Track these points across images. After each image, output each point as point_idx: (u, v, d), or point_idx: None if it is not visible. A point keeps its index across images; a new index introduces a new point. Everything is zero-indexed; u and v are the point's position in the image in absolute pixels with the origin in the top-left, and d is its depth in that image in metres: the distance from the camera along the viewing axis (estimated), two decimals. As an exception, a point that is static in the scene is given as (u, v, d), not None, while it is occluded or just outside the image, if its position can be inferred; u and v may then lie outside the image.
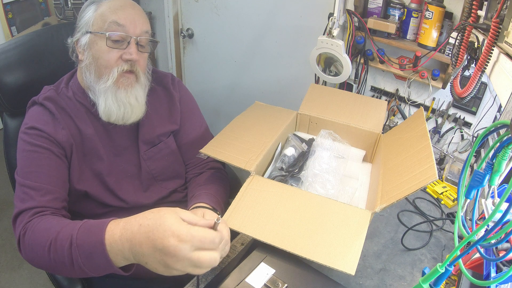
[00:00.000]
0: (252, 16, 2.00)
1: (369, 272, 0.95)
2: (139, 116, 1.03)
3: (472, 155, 0.58)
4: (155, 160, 1.10)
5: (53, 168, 0.92)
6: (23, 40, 1.16)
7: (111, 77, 0.95)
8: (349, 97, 1.30)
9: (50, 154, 0.93)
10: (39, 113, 0.97)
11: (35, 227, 0.79)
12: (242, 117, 1.14)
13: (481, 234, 0.53)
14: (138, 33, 0.97)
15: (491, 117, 1.34)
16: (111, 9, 0.96)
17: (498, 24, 0.75)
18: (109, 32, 0.94)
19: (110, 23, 0.94)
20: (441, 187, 1.25)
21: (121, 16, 0.95)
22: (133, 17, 0.97)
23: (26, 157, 0.92)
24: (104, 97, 0.97)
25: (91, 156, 1.01)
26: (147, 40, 1.00)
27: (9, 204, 2.34)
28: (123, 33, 0.95)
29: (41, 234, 0.77)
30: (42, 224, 0.80)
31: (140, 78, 1.01)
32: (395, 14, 1.42)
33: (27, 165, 0.91)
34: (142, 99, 1.03)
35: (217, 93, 2.41)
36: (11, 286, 1.88)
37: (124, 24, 0.95)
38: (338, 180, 1.01)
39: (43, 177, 0.90)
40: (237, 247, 1.00)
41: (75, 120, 0.99)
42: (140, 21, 0.98)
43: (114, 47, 0.95)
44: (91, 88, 0.99)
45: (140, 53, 0.99)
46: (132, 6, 0.99)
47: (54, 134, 0.94)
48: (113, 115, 0.98)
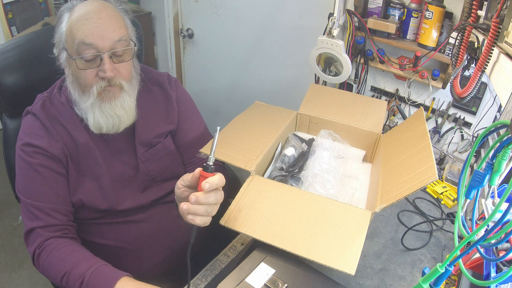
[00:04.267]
0: (252, 16, 2.00)
1: (369, 272, 0.95)
2: (130, 122, 1.01)
3: (472, 155, 0.58)
4: (153, 161, 1.09)
5: (52, 185, 0.95)
6: (22, 41, 1.16)
7: (92, 94, 0.93)
8: (349, 97, 1.30)
9: (49, 171, 0.95)
10: (32, 125, 0.97)
11: (50, 253, 0.88)
12: (242, 117, 1.14)
13: (481, 234, 0.53)
14: (109, 46, 0.90)
15: (491, 117, 1.34)
16: (78, 23, 0.90)
17: (498, 24, 0.75)
18: (78, 55, 0.90)
19: (78, 44, 0.89)
20: (441, 187, 1.25)
21: (87, 32, 0.89)
22: (99, 29, 0.89)
23: (25, 175, 0.95)
24: (92, 112, 0.95)
25: (87, 162, 1.00)
26: (124, 49, 0.94)
27: (9, 204, 2.34)
28: (92, 52, 0.89)
29: (56, 263, 0.86)
30: (57, 253, 0.87)
31: (124, 87, 0.97)
32: (395, 14, 1.42)
33: (28, 184, 0.94)
34: (130, 105, 0.99)
35: (217, 93, 2.41)
36: (11, 286, 1.88)
37: (91, 42, 0.88)
38: (338, 180, 1.01)
39: (44, 196, 0.93)
40: (237, 247, 1.00)
41: (68, 129, 0.99)
42: (109, 30, 0.90)
43: (87, 67, 0.91)
44: (77, 104, 0.98)
45: (119, 65, 0.94)
46: (97, 12, 0.91)
47: (49, 148, 0.95)
48: (103, 127, 0.97)
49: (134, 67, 1.03)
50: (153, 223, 1.08)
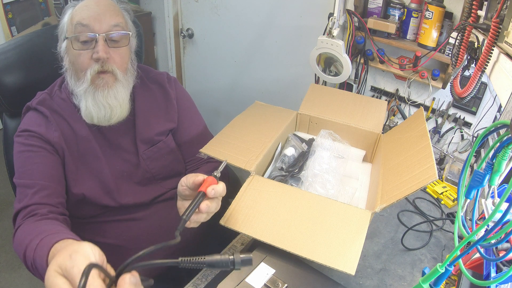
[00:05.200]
0: (252, 16, 2.00)
1: (369, 272, 0.95)
2: (123, 115, 1.01)
3: (472, 155, 0.58)
4: (154, 159, 1.10)
5: (47, 165, 0.94)
6: (22, 41, 1.16)
7: (86, 79, 0.94)
8: (349, 97, 1.30)
9: (43, 151, 0.95)
10: (33, 117, 0.98)
11: (18, 231, 0.85)
12: (242, 116, 1.14)
13: (481, 234, 0.53)
14: (105, 29, 0.93)
15: (491, 117, 1.34)
16: (78, 10, 0.94)
17: (498, 24, 0.75)
18: (75, 40, 0.92)
19: (76, 26, 0.92)
20: (441, 187, 1.25)
21: (84, 15, 0.93)
22: (97, 13, 0.93)
23: (21, 157, 0.95)
24: (84, 100, 0.95)
25: (87, 156, 1.01)
26: (120, 34, 0.96)
27: (9, 204, 2.34)
28: (88, 32, 0.92)
29: (19, 242, 0.82)
30: (21, 231, 0.84)
31: (118, 76, 0.97)
32: (395, 14, 1.42)
33: (22, 165, 0.94)
34: (124, 97, 0.99)
35: (217, 93, 2.41)
36: (11, 286, 1.88)
37: (88, 24, 0.92)
38: (338, 180, 1.01)
39: (37, 174, 0.91)
40: (237, 247, 1.00)
41: (69, 122, 0.99)
42: (106, 15, 0.94)
43: (83, 48, 0.93)
44: (73, 92, 0.98)
45: (113, 49, 0.95)
46: (98, 1, 0.96)
47: (46, 135, 0.95)
48: (94, 117, 0.97)
49: (131, 61, 1.04)
50: (154, 221, 1.08)
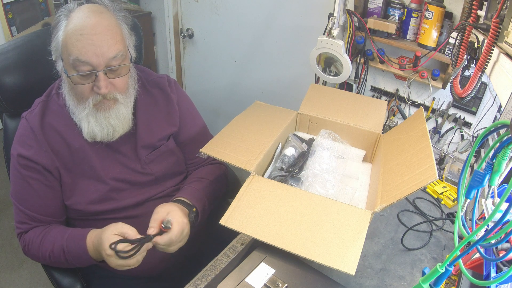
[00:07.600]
0: (252, 16, 2.00)
1: (369, 272, 0.95)
2: (125, 130, 1.02)
3: (472, 155, 0.58)
4: (157, 162, 1.10)
5: (42, 197, 1.00)
6: (22, 41, 1.16)
7: (87, 106, 0.95)
8: (349, 97, 1.30)
9: (39, 183, 0.99)
10: (24, 133, 0.99)
11: (32, 243, 1.01)
12: (242, 116, 1.14)
13: (481, 234, 0.53)
14: (104, 63, 0.90)
15: (491, 117, 1.34)
16: (73, 38, 0.89)
17: (498, 24, 0.75)
18: (74, 72, 0.91)
19: (74, 61, 0.89)
20: (441, 187, 1.25)
21: (82, 49, 0.88)
22: (94, 47, 0.88)
23: (18, 184, 1.00)
24: (86, 121, 0.96)
25: (83, 166, 1.01)
26: (120, 67, 0.94)
27: (9, 204, 2.32)
28: (87, 69, 0.90)
29: (40, 248, 1.00)
30: (36, 240, 1.00)
31: (119, 99, 0.98)
32: (395, 14, 1.42)
33: (20, 192, 1.01)
34: (125, 115, 1.00)
35: (217, 93, 2.41)
36: (11, 286, 1.88)
37: (86, 60, 0.88)
38: (338, 180, 1.01)
39: (35, 207, 1.00)
40: (237, 247, 1.00)
41: (64, 135, 1.00)
42: (104, 48, 0.89)
43: (83, 82, 0.92)
44: (72, 111, 0.98)
45: (114, 80, 0.94)
46: (93, 27, 0.89)
47: (39, 160, 0.97)
48: (98, 136, 0.98)
49: (131, 76, 1.03)
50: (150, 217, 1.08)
